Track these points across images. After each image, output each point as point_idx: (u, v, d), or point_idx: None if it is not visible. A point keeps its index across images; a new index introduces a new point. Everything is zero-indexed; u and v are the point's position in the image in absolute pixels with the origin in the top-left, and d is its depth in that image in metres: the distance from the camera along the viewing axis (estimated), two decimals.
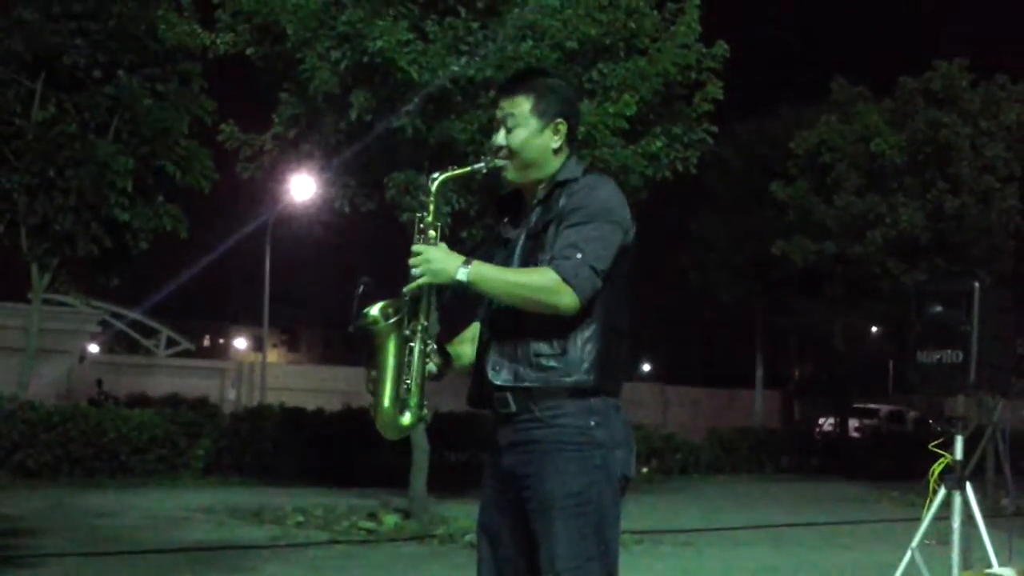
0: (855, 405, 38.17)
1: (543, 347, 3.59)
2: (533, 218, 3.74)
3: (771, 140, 28.93)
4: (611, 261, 3.58)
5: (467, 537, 12.05)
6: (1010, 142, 22.54)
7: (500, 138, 3.78)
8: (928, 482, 6.80)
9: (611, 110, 12.76)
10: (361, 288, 3.73)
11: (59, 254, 16.78)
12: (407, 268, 3.61)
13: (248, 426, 18.83)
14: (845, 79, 25.15)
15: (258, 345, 55.10)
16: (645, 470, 20.95)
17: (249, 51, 13.29)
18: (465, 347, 3.91)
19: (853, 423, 35.78)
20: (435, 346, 3.76)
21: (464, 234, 13.28)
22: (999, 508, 14.67)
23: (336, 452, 18.44)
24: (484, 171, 3.83)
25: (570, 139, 3.80)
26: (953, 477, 6.65)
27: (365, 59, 12.18)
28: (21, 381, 17.45)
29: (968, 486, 6.63)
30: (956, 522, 6.63)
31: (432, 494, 13.76)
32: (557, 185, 3.70)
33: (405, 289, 3.61)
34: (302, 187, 22.91)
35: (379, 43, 11.98)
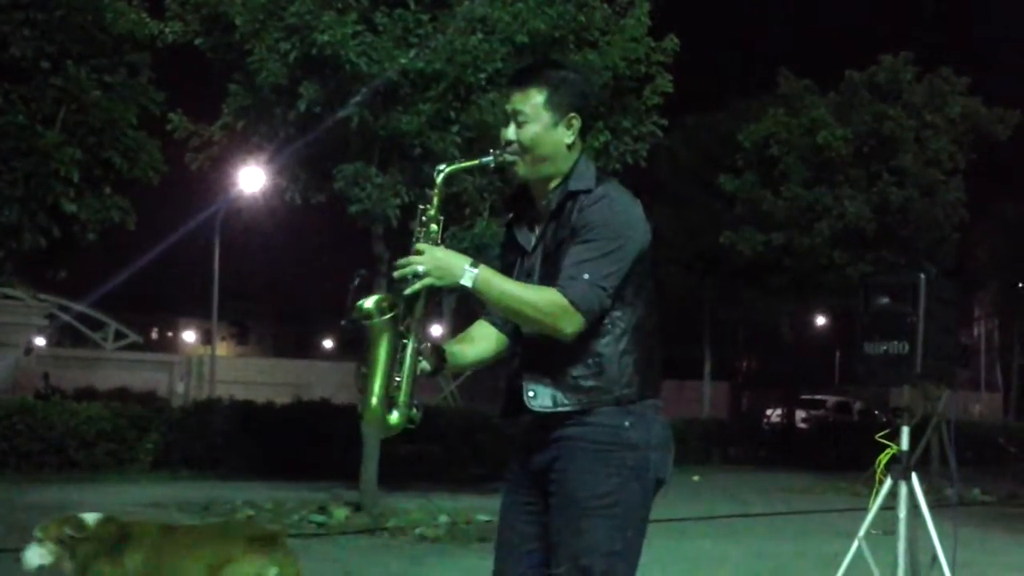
0: (802, 396, 38.47)
1: (579, 368, 3.50)
2: (548, 233, 3.62)
3: (720, 133, 29.07)
4: (622, 275, 3.47)
5: (418, 530, 12.08)
6: (954, 135, 22.80)
7: (510, 132, 3.62)
8: (874, 472, 6.87)
9: None
10: (356, 280, 3.64)
11: (4, 246, 16.59)
12: (403, 262, 3.48)
13: (197, 419, 18.73)
14: (792, 72, 25.32)
15: (207, 338, 54.83)
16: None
17: (198, 41, 13.24)
18: (465, 347, 3.78)
19: (800, 414, 36.04)
20: (429, 344, 3.62)
21: (414, 225, 13.27)
22: (944, 498, 14.85)
23: (286, 445, 18.38)
24: (492, 165, 3.69)
25: (583, 132, 3.71)
26: (899, 467, 6.73)
27: (314, 51, 12.16)
28: None
29: (914, 476, 6.71)
30: (902, 512, 6.71)
31: (383, 487, 13.75)
32: (570, 196, 3.57)
33: (407, 291, 3.46)
34: (252, 178, 22.75)
35: (327, 35, 11.96)
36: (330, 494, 14.66)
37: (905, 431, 6.77)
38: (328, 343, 79.94)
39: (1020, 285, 38.48)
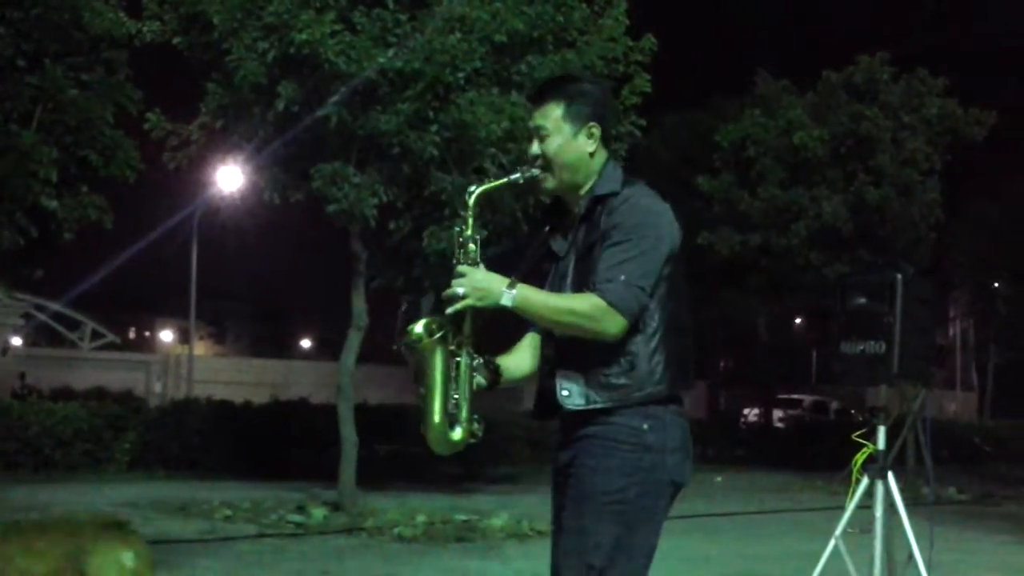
0: (779, 396, 38.55)
1: (612, 367, 3.56)
2: (579, 237, 3.70)
3: (698, 133, 29.11)
4: (656, 274, 3.57)
5: (396, 529, 12.08)
6: (930, 135, 22.88)
7: (535, 148, 3.73)
8: (851, 471, 6.90)
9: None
10: (405, 306, 3.70)
11: None
12: (447, 284, 3.57)
13: (174, 419, 18.68)
14: (769, 73, 25.39)
15: (184, 337, 54.68)
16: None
17: (176, 40, 13.19)
18: (516, 359, 3.88)
19: (777, 413, 36.11)
20: (482, 359, 3.71)
21: (392, 225, 13.29)
22: (920, 496, 14.93)
23: (264, 445, 18.35)
24: (521, 181, 3.77)
25: (606, 141, 3.77)
26: (876, 466, 6.76)
27: (292, 50, 12.14)
28: None
29: (890, 475, 6.74)
30: (878, 511, 6.74)
31: (361, 486, 13.73)
32: (597, 200, 3.67)
33: (448, 311, 3.54)
34: (230, 178, 22.71)
35: (305, 34, 11.95)
36: (308, 494, 14.64)
37: (882, 430, 6.80)
38: (306, 343, 79.89)
39: (995, 285, 38.64)
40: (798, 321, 44.16)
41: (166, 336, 76.16)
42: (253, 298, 78.58)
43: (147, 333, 78.74)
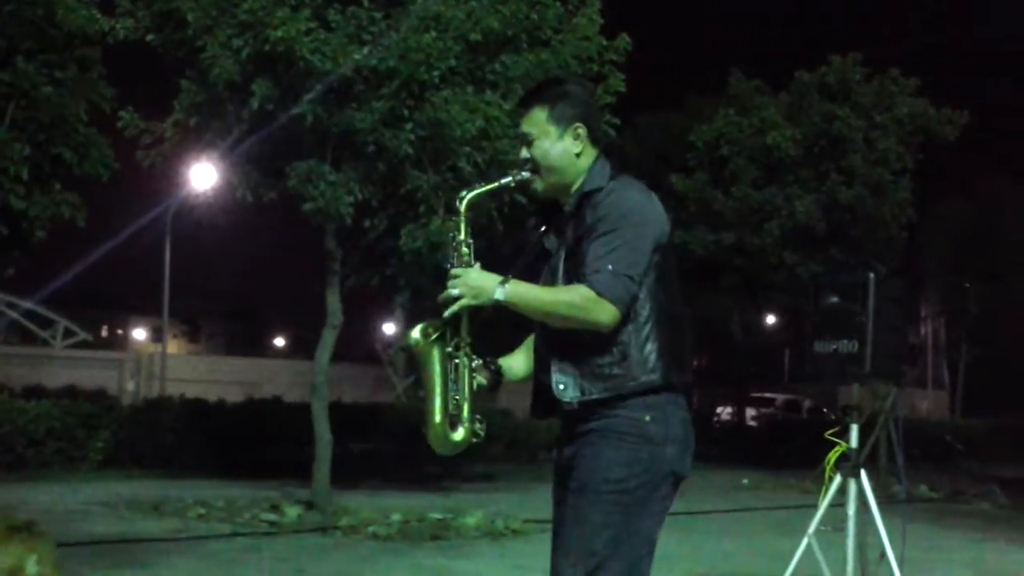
0: (752, 394, 38.64)
1: (604, 357, 3.62)
2: (569, 232, 3.77)
3: (672, 132, 29.17)
4: (644, 263, 3.62)
5: (370, 528, 12.07)
6: (902, 135, 23.02)
7: (524, 152, 3.84)
8: (824, 470, 6.94)
9: (506, 107, 12.83)
10: (398, 309, 3.75)
11: None
12: (442, 288, 3.64)
13: (148, 418, 18.62)
14: (743, 72, 25.47)
15: (158, 336, 54.45)
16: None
17: (149, 37, 13.12)
18: (519, 359, 3.96)
19: (750, 412, 36.22)
20: (481, 360, 3.79)
21: (367, 223, 13.29)
22: (892, 494, 15.01)
23: (238, 444, 18.31)
24: (512, 185, 3.87)
25: (594, 141, 3.85)
26: (848, 464, 6.81)
27: (267, 48, 12.11)
28: None
29: (862, 473, 6.78)
30: (851, 509, 6.79)
31: (335, 485, 13.71)
32: (585, 196, 3.74)
33: (446, 313, 3.62)
34: (203, 176, 22.62)
35: (280, 32, 11.92)
36: (282, 492, 14.62)
37: (854, 429, 6.85)
38: (280, 341, 79.69)
39: (966, 284, 38.85)
40: (771, 320, 44.27)
41: (139, 334, 75.80)
42: (227, 296, 78.25)
43: (120, 331, 78.31)
